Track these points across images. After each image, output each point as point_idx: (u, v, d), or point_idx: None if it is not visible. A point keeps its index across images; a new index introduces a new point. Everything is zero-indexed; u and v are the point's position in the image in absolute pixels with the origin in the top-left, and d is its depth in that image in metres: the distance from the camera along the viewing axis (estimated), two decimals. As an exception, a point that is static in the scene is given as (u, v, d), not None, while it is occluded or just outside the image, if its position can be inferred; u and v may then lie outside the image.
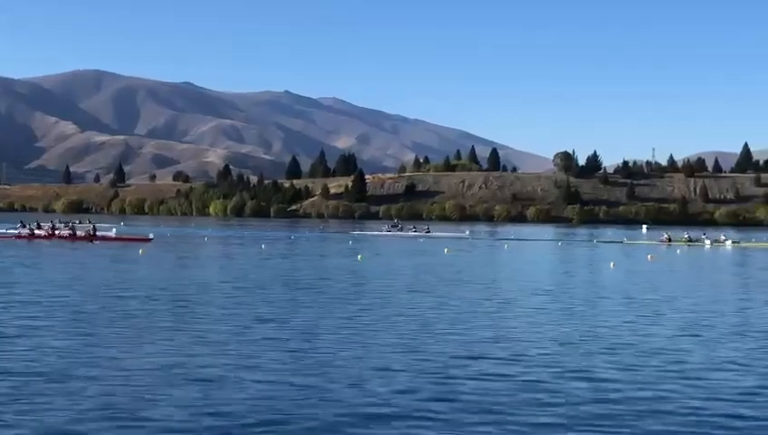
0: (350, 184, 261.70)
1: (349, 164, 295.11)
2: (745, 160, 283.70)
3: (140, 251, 50.41)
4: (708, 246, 79.17)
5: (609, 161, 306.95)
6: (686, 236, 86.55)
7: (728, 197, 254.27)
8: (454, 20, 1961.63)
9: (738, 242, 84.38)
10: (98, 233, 66.98)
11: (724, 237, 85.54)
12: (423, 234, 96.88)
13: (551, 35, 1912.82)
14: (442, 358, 15.56)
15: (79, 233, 66.40)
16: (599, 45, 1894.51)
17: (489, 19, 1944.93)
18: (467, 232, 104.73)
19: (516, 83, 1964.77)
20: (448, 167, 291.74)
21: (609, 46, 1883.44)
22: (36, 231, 67.15)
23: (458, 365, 14.90)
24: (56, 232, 66.97)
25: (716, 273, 44.56)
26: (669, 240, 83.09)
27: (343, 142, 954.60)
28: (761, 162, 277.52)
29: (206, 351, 15.98)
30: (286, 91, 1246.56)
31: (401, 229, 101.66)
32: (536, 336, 18.46)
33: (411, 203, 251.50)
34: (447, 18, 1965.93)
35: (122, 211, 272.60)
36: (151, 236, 67.12)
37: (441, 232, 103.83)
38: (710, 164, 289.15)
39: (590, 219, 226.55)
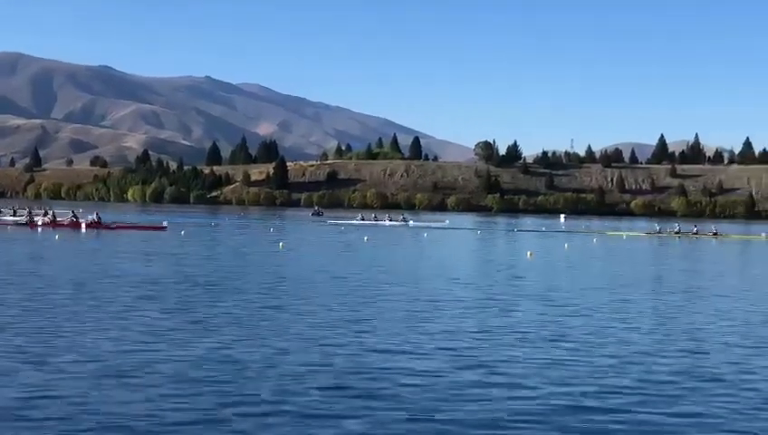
0: (271, 171, 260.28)
1: (270, 151, 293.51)
2: (661, 152, 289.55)
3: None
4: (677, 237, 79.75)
5: (529, 151, 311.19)
6: (676, 228, 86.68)
7: (644, 187, 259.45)
8: (376, 8, 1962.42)
9: (718, 234, 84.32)
10: (103, 221, 64.41)
11: (714, 229, 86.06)
12: (400, 223, 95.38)
13: (470, 24, 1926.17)
14: (352, 351, 15.35)
15: (85, 220, 63.96)
16: (518, 34, 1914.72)
17: (410, 7, 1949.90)
18: (447, 221, 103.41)
19: (438, 72, 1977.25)
20: (370, 155, 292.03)
21: (528, 35, 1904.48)
22: (36, 219, 65.14)
23: (362, 359, 14.68)
24: (57, 220, 65.24)
25: (622, 263, 45.18)
26: (659, 232, 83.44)
27: (265, 129, 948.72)
28: (676, 154, 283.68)
29: (151, 340, 15.55)
30: (207, 77, 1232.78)
31: (379, 218, 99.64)
32: (442, 327, 18.26)
33: (333, 191, 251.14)
34: (369, 6, 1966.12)
35: (38, 196, 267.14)
36: (165, 223, 65.62)
37: (419, 222, 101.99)
38: (627, 155, 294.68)
39: (510, 209, 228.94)
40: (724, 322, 20.37)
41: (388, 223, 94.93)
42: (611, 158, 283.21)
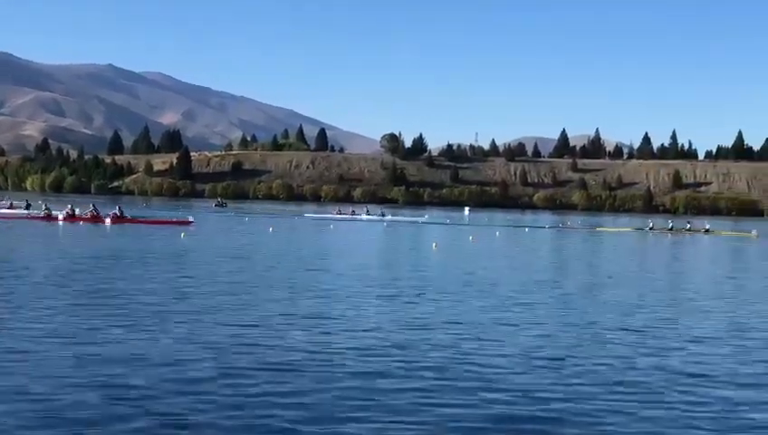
0: (174, 161, 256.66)
1: (174, 141, 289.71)
2: (563, 146, 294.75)
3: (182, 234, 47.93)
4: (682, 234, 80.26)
5: (435, 144, 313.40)
6: (669, 224, 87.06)
7: (546, 181, 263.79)
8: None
9: (711, 230, 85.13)
10: (126, 215, 63.19)
11: (707, 226, 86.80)
12: (378, 217, 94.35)
13: (376, 17, 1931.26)
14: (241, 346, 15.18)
15: (109, 215, 61.91)
16: (423, 28, 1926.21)
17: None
18: (426, 216, 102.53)
19: (344, 64, 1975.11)
20: (276, 146, 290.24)
21: (433, 29, 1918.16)
22: (55, 213, 63.09)
23: (253, 353, 14.54)
24: (76, 214, 63.08)
25: (523, 254, 45.81)
26: (651, 228, 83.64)
27: (168, 118, 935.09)
28: (577, 148, 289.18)
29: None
30: (109, 65, 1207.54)
31: (357, 212, 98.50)
32: (336, 320, 18.15)
33: (238, 182, 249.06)
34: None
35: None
36: (191, 218, 64.40)
37: (397, 217, 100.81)
38: (530, 149, 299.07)
39: (416, 201, 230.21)
40: (595, 312, 20.67)
41: (365, 217, 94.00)
42: (515, 152, 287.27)
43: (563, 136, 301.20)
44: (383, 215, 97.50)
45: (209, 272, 26.97)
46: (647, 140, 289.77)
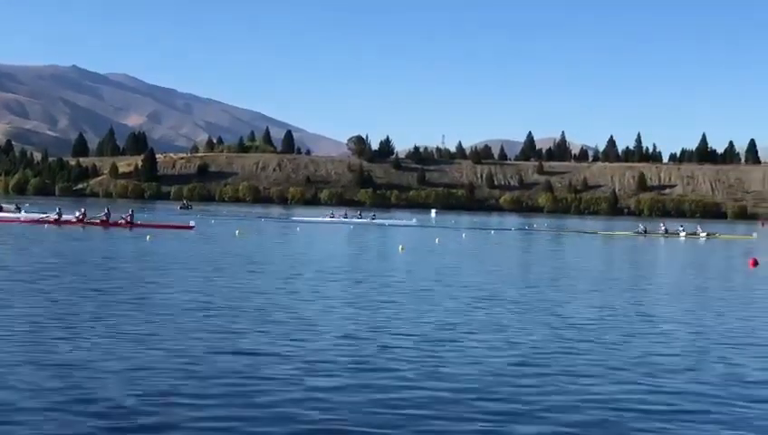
0: (140, 163, 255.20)
1: (139, 143, 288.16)
2: (529, 149, 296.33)
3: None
4: (683, 238, 79.64)
5: (401, 146, 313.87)
6: (662, 228, 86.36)
7: (512, 183, 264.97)
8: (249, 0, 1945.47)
9: (714, 234, 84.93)
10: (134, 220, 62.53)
11: (701, 230, 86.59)
12: (369, 221, 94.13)
13: (341, 20, 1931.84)
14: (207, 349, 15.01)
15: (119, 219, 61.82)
16: (389, 30, 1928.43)
17: (284, 1, 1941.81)
18: (414, 220, 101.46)
19: (312, 67, 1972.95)
20: (242, 148, 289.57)
21: (399, 32, 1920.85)
22: (65, 216, 62.23)
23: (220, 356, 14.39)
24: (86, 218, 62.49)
25: (488, 255, 45.87)
26: (645, 232, 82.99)
27: (133, 120, 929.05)
28: (543, 151, 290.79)
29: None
30: (74, 66, 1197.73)
31: (349, 215, 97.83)
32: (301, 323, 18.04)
33: (204, 184, 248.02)
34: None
35: None
36: (193, 223, 63.45)
37: (388, 220, 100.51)
38: (496, 152, 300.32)
39: (383, 203, 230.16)
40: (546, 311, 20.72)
41: (356, 220, 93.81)
42: (481, 154, 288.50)
43: (529, 138, 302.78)
44: (373, 218, 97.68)
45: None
46: (612, 142, 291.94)
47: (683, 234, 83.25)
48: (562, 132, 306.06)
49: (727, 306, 23.55)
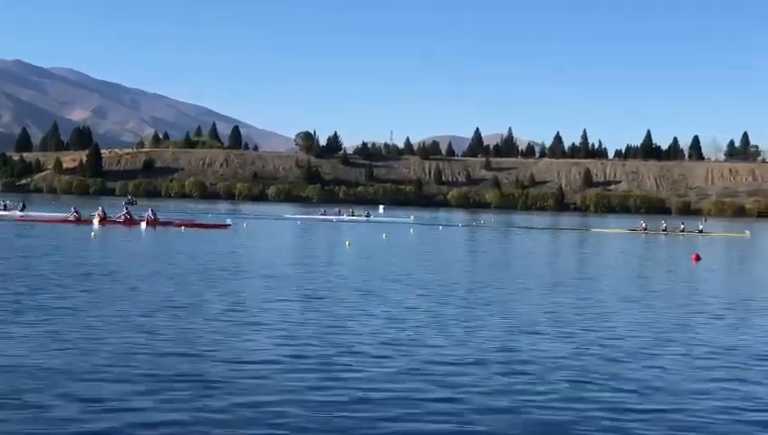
0: (84, 158, 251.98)
1: (84, 138, 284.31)
2: (477, 145, 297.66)
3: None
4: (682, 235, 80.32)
5: (350, 142, 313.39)
6: (663, 225, 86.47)
7: (460, 179, 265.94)
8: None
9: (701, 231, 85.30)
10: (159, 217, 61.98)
11: (701, 226, 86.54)
12: (363, 218, 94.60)
13: (289, 16, 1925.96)
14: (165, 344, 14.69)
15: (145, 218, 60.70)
16: (336, 27, 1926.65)
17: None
18: (411, 217, 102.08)
19: (259, 62, 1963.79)
20: (189, 143, 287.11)
21: (346, 29, 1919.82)
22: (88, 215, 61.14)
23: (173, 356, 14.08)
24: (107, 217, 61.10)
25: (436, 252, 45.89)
26: (645, 229, 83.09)
27: (78, 115, 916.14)
28: (490, 147, 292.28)
29: None
30: (17, 60, 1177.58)
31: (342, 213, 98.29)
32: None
33: (150, 179, 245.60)
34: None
35: None
36: (229, 222, 63.36)
37: (380, 217, 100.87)
38: (444, 148, 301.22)
39: (331, 199, 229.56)
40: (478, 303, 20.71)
41: (346, 218, 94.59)
42: (429, 150, 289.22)
43: (477, 135, 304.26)
44: (368, 216, 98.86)
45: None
46: (558, 139, 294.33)
47: (682, 230, 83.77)
48: (509, 128, 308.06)
49: (654, 300, 23.90)
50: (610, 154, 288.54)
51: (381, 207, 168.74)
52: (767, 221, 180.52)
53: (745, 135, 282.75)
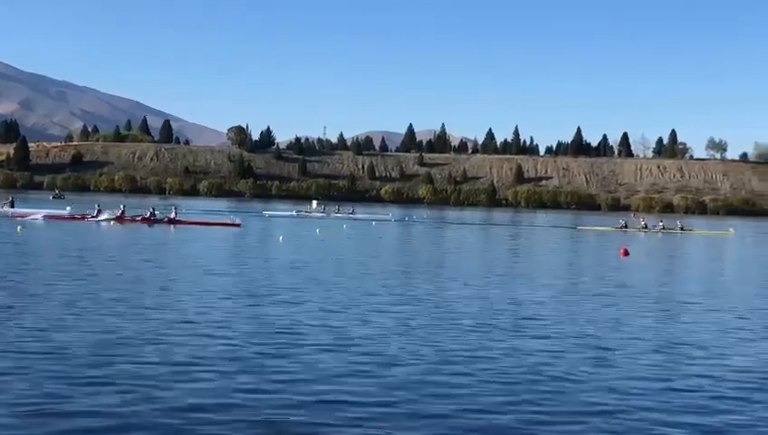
0: (11, 152, 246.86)
1: (10, 131, 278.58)
2: (410, 140, 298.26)
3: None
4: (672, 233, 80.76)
5: (283, 137, 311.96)
6: (660, 224, 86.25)
7: (393, 175, 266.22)
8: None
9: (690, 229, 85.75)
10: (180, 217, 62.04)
11: (679, 225, 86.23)
12: (348, 215, 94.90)
13: (221, 10, 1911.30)
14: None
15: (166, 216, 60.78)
16: (270, 22, 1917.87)
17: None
18: (390, 215, 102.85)
19: (191, 55, 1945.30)
20: (118, 137, 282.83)
21: (280, 24, 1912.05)
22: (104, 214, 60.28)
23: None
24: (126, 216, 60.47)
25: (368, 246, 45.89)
26: (625, 226, 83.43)
27: (4, 108, 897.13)
28: (423, 143, 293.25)
29: None
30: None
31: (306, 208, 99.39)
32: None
33: (78, 173, 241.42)
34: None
35: None
36: (238, 221, 62.92)
37: (365, 214, 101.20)
38: (377, 143, 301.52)
39: (263, 194, 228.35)
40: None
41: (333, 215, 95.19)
42: (362, 145, 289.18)
43: (410, 130, 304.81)
44: (351, 212, 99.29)
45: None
46: (490, 135, 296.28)
47: (660, 228, 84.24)
48: (442, 124, 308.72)
49: (574, 293, 24.35)
50: (542, 151, 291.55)
51: (314, 202, 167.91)
52: (694, 217, 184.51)
53: (673, 132, 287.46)
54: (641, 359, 14.72)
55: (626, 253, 44.10)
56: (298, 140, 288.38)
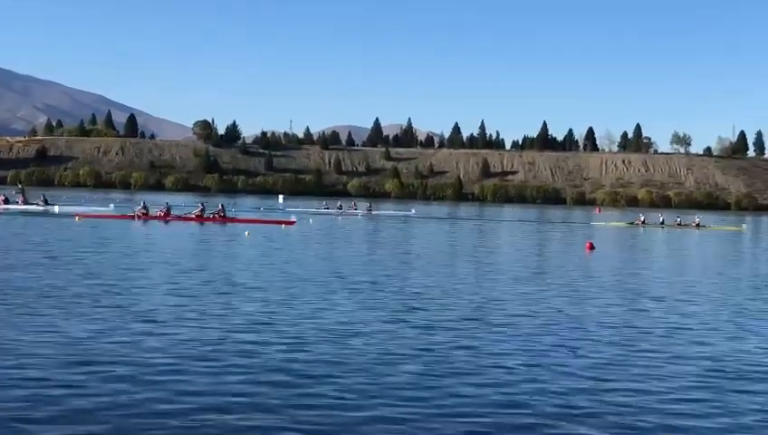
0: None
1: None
2: (376, 135, 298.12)
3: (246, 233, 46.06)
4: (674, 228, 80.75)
5: (249, 132, 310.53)
6: (677, 220, 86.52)
7: (360, 169, 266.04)
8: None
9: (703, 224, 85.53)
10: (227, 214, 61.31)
11: (697, 220, 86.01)
12: (365, 212, 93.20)
13: (185, 4, 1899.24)
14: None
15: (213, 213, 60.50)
16: (235, 16, 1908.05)
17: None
18: (413, 211, 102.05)
19: (157, 49, 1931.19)
20: (83, 132, 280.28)
21: (245, 18, 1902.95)
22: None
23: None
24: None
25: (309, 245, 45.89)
26: (643, 222, 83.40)
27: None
28: (390, 137, 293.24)
29: None
30: None
31: (359, 207, 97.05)
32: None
33: (43, 168, 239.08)
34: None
35: None
36: (294, 219, 62.77)
37: (384, 210, 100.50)
38: (344, 137, 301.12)
39: (229, 189, 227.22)
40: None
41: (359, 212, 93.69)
42: (329, 140, 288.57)
43: (377, 125, 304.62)
44: (370, 208, 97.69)
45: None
46: (457, 129, 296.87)
47: (677, 223, 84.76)
48: (409, 119, 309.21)
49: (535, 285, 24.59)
50: (507, 145, 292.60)
51: (281, 197, 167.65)
52: (659, 211, 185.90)
53: (638, 127, 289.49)
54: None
55: (591, 247, 43.95)
56: (264, 134, 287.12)
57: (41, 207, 67.18)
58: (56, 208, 66.24)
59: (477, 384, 12.05)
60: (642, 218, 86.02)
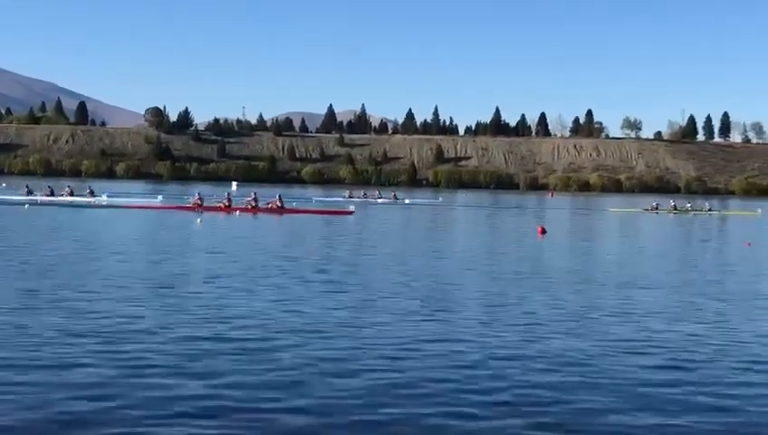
0: None
1: None
2: (330, 121, 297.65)
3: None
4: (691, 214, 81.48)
5: (201, 118, 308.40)
6: (688, 205, 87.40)
7: (314, 156, 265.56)
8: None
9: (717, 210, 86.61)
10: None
11: (708, 206, 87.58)
12: (391, 200, 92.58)
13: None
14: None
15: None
16: (188, 2, 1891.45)
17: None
18: (440, 198, 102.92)
19: (107, 35, 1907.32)
20: (33, 119, 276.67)
21: (198, 4, 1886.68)
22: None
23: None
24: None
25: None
26: (656, 208, 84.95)
27: None
28: (344, 123, 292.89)
29: None
30: None
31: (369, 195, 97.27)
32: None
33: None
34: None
35: None
36: (352, 208, 62.18)
37: (412, 198, 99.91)
38: (297, 124, 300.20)
39: (182, 176, 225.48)
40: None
41: (379, 200, 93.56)
42: (282, 126, 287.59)
43: (330, 111, 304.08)
44: (396, 197, 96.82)
45: None
46: (410, 115, 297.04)
47: (688, 207, 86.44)
48: (362, 105, 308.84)
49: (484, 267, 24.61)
50: (461, 131, 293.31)
51: (234, 184, 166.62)
52: (610, 196, 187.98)
53: (590, 112, 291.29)
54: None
55: (543, 231, 43.78)
56: (216, 121, 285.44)
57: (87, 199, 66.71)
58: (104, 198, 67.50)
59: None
60: (655, 204, 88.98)
